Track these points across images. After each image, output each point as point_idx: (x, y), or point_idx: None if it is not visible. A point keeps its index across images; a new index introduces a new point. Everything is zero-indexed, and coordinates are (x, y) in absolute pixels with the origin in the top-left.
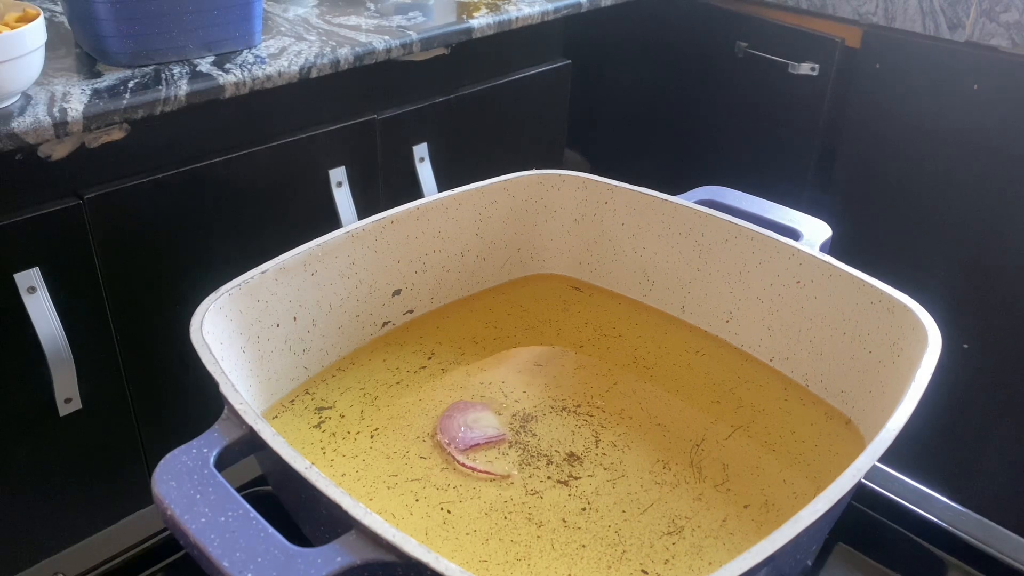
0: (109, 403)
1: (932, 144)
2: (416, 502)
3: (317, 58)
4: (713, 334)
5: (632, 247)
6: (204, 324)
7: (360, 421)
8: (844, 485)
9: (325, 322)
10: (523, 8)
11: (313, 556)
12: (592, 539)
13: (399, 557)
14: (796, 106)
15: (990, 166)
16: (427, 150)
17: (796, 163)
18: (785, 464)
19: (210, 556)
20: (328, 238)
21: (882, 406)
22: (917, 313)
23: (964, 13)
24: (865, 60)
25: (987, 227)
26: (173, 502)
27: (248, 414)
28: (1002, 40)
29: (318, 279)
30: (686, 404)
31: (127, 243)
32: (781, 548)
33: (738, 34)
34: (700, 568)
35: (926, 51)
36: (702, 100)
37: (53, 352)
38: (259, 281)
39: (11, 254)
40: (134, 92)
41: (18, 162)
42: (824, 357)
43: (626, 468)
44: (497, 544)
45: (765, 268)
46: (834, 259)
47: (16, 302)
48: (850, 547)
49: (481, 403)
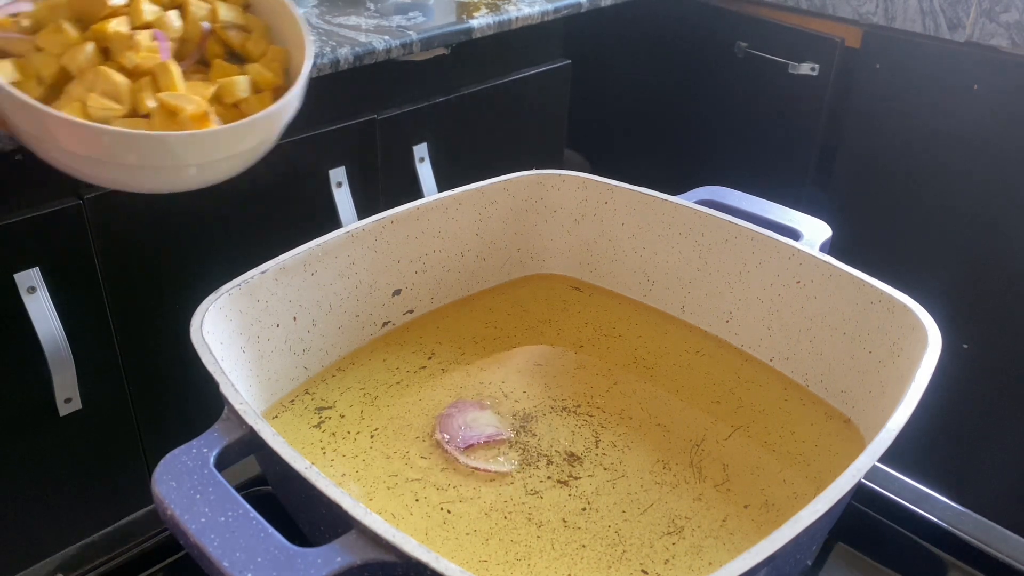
0: (109, 403)
1: (932, 144)
2: (416, 502)
3: (317, 58)
4: (713, 334)
5: (632, 247)
6: (204, 324)
7: (360, 421)
8: (844, 485)
9: (325, 322)
10: (523, 8)
11: (313, 556)
12: (592, 539)
13: (399, 557)
14: (796, 106)
15: (990, 166)
16: (427, 150)
17: (796, 163)
18: (785, 464)
19: (210, 556)
20: (328, 238)
21: (882, 406)
22: (917, 313)
23: (964, 13)
24: (865, 60)
25: (987, 227)
26: (173, 502)
27: (248, 414)
28: (1002, 40)
29: (318, 279)
30: (686, 404)
31: (127, 243)
32: (781, 548)
33: (738, 34)
34: (700, 568)
35: (926, 51)
36: (702, 100)
37: (53, 352)
38: (259, 281)
39: (11, 254)
40: None
41: (18, 162)
42: (824, 357)
43: (626, 468)
44: (497, 544)
45: (765, 268)
46: (834, 259)
47: (16, 302)
48: (850, 547)
49: (481, 403)
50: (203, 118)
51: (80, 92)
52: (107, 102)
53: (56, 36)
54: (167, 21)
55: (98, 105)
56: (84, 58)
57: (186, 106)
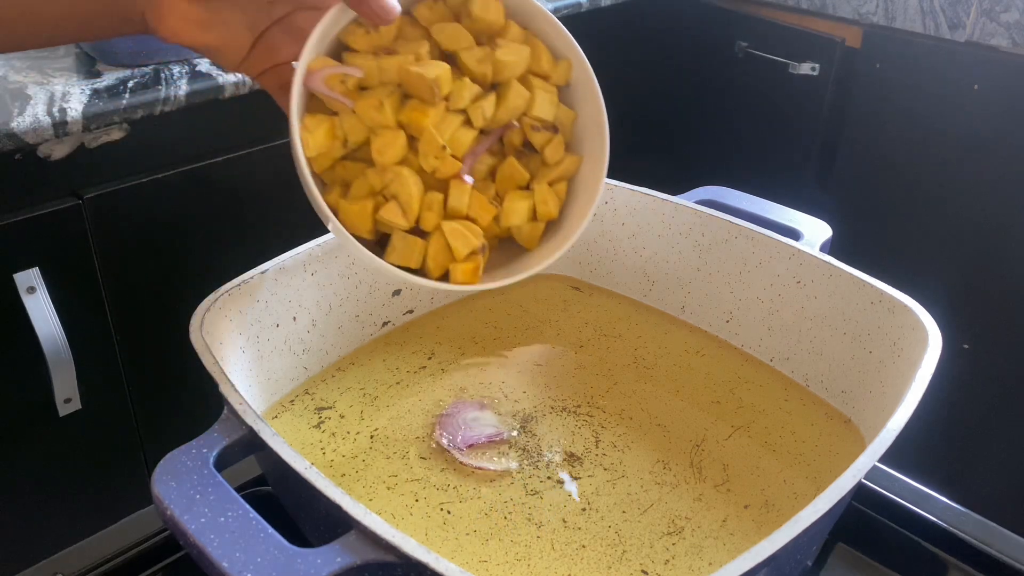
0: (109, 403)
1: (932, 144)
2: (416, 502)
3: None
4: (713, 334)
5: (632, 247)
6: (204, 324)
7: (360, 421)
8: (844, 485)
9: (325, 322)
10: None
11: (313, 556)
12: (592, 539)
13: (399, 557)
14: (796, 106)
15: (990, 166)
16: None
17: (796, 163)
18: (785, 464)
19: (210, 556)
20: (328, 238)
21: (882, 406)
22: (917, 313)
23: (964, 13)
24: (865, 60)
25: (987, 227)
26: (173, 502)
27: (248, 414)
28: (1002, 40)
29: (318, 279)
30: (686, 404)
31: (127, 243)
32: (781, 548)
33: (738, 34)
34: (700, 568)
35: (926, 51)
36: (702, 100)
37: (52, 352)
38: (259, 281)
39: (11, 254)
40: (134, 92)
41: (18, 162)
42: (824, 357)
43: (626, 468)
44: (497, 544)
45: (765, 268)
46: (834, 259)
47: (16, 302)
48: (850, 547)
49: (481, 403)
50: (473, 273)
51: (376, 181)
52: (397, 214)
53: (373, 112)
54: (481, 111)
55: (387, 217)
56: (391, 151)
57: (462, 249)
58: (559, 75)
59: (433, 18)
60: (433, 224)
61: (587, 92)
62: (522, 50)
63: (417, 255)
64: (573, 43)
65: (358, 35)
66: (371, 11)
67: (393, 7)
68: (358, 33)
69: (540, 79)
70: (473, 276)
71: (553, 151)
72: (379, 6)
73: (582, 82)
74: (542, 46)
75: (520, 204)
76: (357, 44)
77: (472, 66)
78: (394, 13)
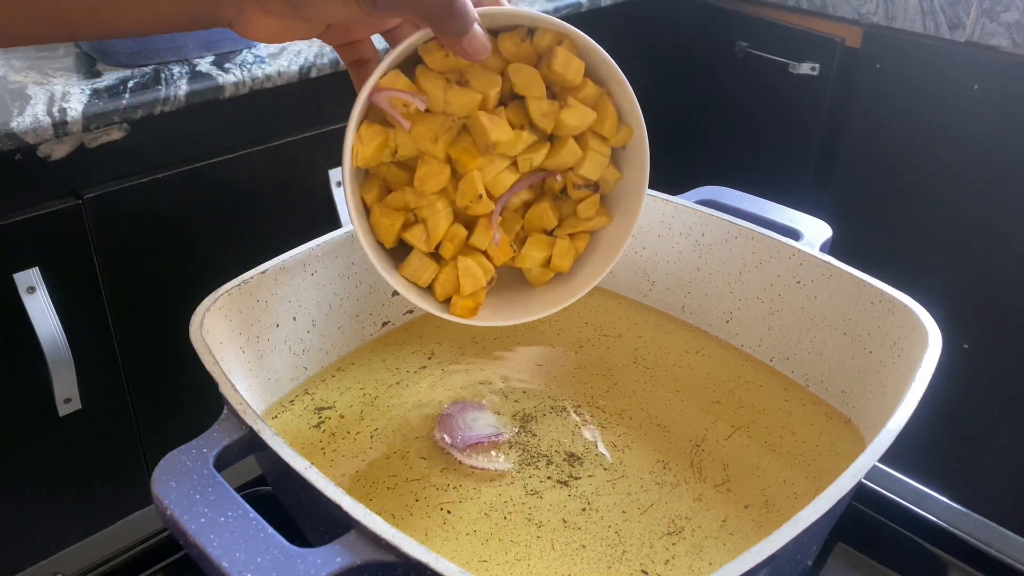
0: (109, 403)
1: (932, 144)
2: (416, 502)
3: (317, 58)
4: (713, 334)
5: (632, 247)
6: (204, 324)
7: (360, 421)
8: (844, 485)
9: (325, 322)
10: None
11: (313, 556)
12: (592, 539)
13: (399, 557)
14: (796, 106)
15: (990, 166)
16: None
17: (796, 163)
18: (785, 464)
19: (210, 556)
20: (328, 238)
21: (882, 406)
22: (917, 313)
23: (964, 13)
24: (865, 60)
25: (987, 227)
26: (173, 502)
27: (248, 414)
28: (1002, 40)
29: (318, 279)
30: (686, 404)
31: (127, 243)
32: (781, 548)
33: (738, 34)
34: (700, 568)
35: (926, 51)
36: (702, 100)
37: (53, 352)
38: (259, 281)
39: (11, 254)
40: (133, 92)
41: (17, 162)
42: (824, 357)
43: (626, 468)
44: (497, 544)
45: (765, 268)
46: (834, 259)
47: (16, 302)
48: (850, 547)
49: (481, 403)
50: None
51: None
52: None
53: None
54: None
55: (411, 240)
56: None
57: (469, 288)
58: (617, 140)
59: (516, 54)
60: (451, 254)
61: (637, 159)
62: (588, 115)
63: (428, 277)
64: (639, 113)
65: (436, 56)
66: (463, 51)
67: (486, 48)
68: (436, 54)
69: (598, 139)
70: (470, 314)
71: (587, 207)
72: (472, 48)
73: (636, 149)
74: (611, 110)
75: (538, 254)
76: (433, 64)
77: (536, 118)
78: (486, 54)
